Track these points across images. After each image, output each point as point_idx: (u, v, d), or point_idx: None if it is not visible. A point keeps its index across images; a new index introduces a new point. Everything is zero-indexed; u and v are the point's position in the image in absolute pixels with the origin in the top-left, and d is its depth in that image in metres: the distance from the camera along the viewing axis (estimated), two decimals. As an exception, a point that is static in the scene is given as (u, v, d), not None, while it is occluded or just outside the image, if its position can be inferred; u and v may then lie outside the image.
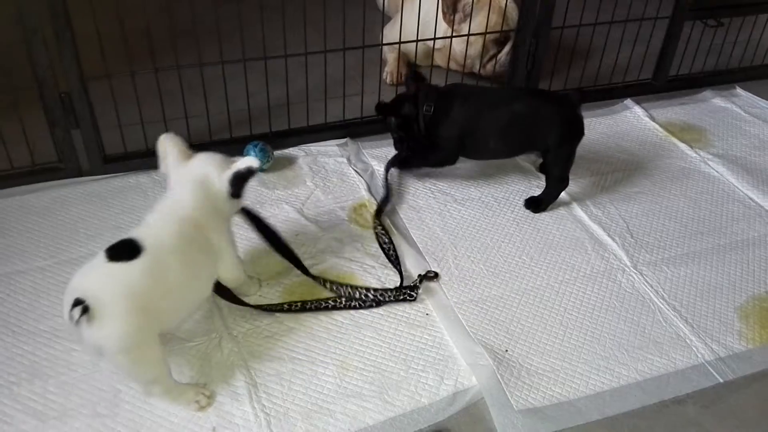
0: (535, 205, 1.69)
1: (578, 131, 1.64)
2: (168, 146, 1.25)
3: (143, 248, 1.11)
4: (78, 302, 1.03)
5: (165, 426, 1.14)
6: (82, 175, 1.72)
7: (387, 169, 1.74)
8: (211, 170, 1.22)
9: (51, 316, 1.32)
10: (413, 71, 1.76)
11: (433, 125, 1.64)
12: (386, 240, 1.53)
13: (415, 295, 1.40)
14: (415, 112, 1.64)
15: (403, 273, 1.46)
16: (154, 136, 1.62)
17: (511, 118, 1.62)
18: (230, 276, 1.30)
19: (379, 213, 1.62)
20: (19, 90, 1.58)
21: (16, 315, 1.32)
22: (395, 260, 1.49)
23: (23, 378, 1.21)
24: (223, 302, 1.36)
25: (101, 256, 1.11)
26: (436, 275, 1.46)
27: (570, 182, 1.67)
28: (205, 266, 1.22)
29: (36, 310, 1.34)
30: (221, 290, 1.33)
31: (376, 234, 1.57)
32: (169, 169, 1.25)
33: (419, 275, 1.44)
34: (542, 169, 1.79)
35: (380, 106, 1.68)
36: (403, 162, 1.76)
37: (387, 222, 1.61)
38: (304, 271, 1.43)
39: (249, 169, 1.21)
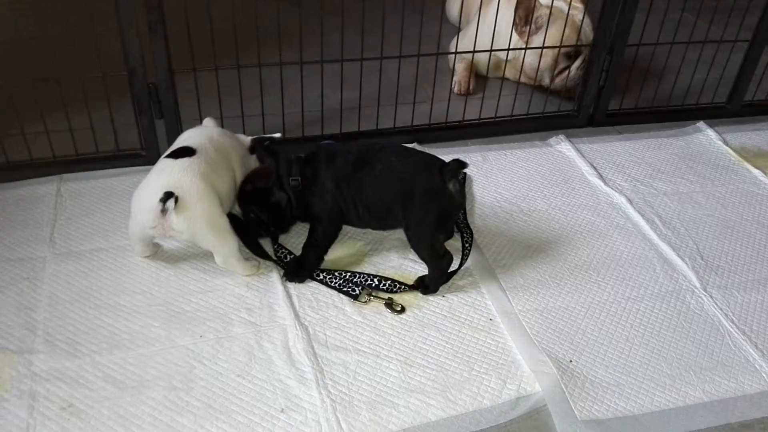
0: (421, 286, 1.43)
1: (440, 207, 1.35)
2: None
3: (196, 150, 1.38)
4: (168, 195, 1.25)
5: (236, 404, 1.18)
6: (161, 163, 1.79)
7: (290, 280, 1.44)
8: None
9: (131, 293, 1.38)
10: (263, 143, 1.53)
11: (305, 198, 1.42)
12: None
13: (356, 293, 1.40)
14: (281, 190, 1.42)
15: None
16: (231, 129, 1.70)
17: (373, 182, 1.37)
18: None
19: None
20: (108, 78, 1.66)
21: (98, 289, 1.39)
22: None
23: (104, 348, 1.26)
24: (293, 291, 1.41)
25: (165, 160, 1.36)
26: (403, 310, 1.38)
27: (639, 201, 1.61)
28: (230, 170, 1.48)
29: (117, 286, 1.40)
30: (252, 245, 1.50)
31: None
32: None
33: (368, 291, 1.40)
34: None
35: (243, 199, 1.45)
36: (295, 272, 1.43)
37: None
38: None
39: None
